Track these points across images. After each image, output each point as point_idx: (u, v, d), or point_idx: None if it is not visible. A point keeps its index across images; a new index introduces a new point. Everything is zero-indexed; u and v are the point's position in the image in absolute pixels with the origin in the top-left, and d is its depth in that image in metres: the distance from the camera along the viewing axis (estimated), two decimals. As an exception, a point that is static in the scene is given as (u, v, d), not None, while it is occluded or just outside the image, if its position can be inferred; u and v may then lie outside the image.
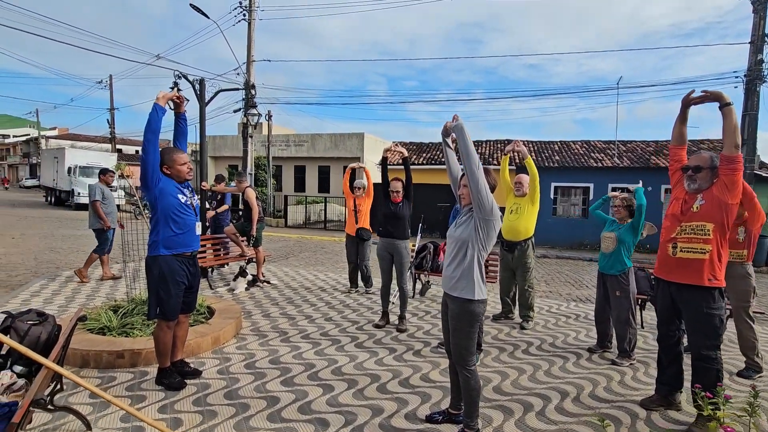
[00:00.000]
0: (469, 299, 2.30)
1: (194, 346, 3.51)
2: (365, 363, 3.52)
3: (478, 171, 2.22)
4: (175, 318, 2.89)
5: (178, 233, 2.83)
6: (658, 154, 14.32)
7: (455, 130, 2.30)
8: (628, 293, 3.77)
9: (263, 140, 21.51)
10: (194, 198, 3.03)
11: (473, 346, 2.38)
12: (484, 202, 2.24)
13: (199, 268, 3.08)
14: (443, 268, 2.50)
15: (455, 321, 2.35)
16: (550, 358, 3.79)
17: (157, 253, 2.80)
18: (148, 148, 2.71)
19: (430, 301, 5.70)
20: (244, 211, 6.09)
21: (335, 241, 13.97)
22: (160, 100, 2.80)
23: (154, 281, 2.81)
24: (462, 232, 2.36)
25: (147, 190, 2.77)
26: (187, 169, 2.93)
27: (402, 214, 4.37)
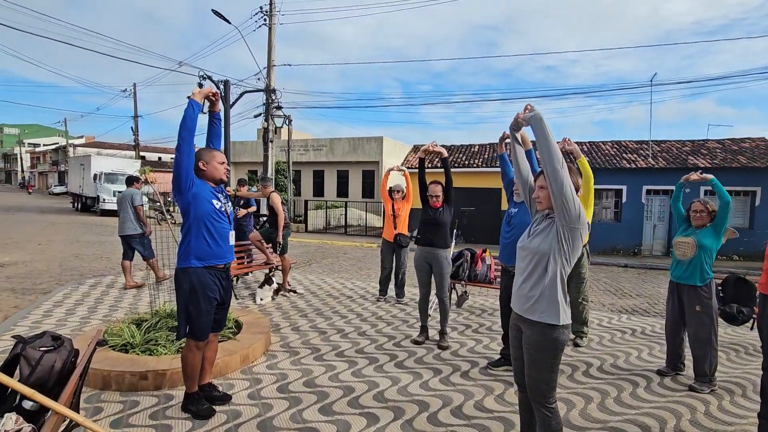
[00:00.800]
0: (552, 324, 1.92)
1: (222, 365, 3.21)
2: (410, 387, 3.16)
3: (562, 170, 1.85)
4: (205, 338, 2.60)
5: (212, 243, 2.55)
6: (695, 154, 13.56)
7: (532, 121, 1.92)
8: (710, 308, 3.31)
9: (282, 145, 21.45)
10: (228, 204, 2.74)
11: (555, 380, 1.99)
12: (570, 207, 1.86)
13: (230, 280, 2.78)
14: (514, 286, 2.13)
15: (534, 350, 1.97)
16: (616, 383, 3.35)
17: (188, 265, 2.52)
18: (183, 147, 2.44)
19: (468, 313, 5.30)
20: (269, 217, 5.82)
21: (357, 246, 13.67)
22: (196, 96, 2.53)
23: (184, 296, 2.52)
24: (540, 244, 1.98)
25: (179, 194, 2.49)
26: (224, 169, 2.66)
27: (442, 220, 4.00)
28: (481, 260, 5.34)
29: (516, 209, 3.34)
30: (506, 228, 3.38)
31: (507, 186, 3.55)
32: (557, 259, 1.92)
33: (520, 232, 3.29)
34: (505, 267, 3.37)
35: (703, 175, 3.44)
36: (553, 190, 1.87)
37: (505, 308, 3.48)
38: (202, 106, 2.57)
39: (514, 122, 2.11)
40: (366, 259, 10.71)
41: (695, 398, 3.14)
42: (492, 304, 5.79)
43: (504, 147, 3.50)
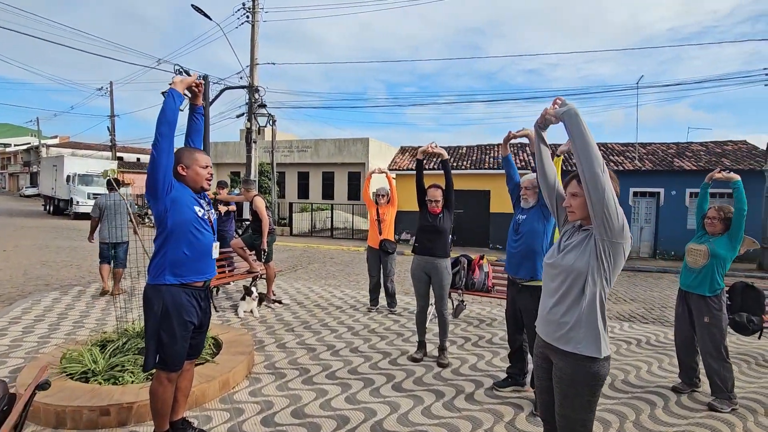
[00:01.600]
0: (592, 357, 1.63)
1: (198, 394, 2.83)
2: (411, 414, 2.84)
3: (604, 175, 1.55)
4: (179, 368, 2.22)
5: (191, 256, 2.17)
6: (681, 156, 13.67)
7: (566, 117, 1.61)
8: (720, 321, 3.11)
9: (266, 146, 20.89)
10: (212, 212, 2.37)
11: (593, 420, 1.70)
12: (612, 219, 1.57)
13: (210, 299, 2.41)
14: (542, 309, 1.83)
15: (567, 386, 1.68)
16: (632, 403, 3.10)
17: (162, 282, 2.13)
18: (162, 145, 2.06)
19: (465, 324, 5.01)
20: (252, 222, 5.43)
21: (344, 250, 13.30)
22: (177, 85, 2.17)
23: (155, 319, 2.13)
24: (576, 261, 1.68)
25: (155, 199, 2.11)
26: (207, 174, 2.29)
27: (442, 227, 3.71)
28: (479, 267, 5.07)
29: (524, 216, 3.07)
30: (514, 236, 3.09)
31: (512, 190, 3.27)
32: (596, 279, 1.64)
33: (529, 240, 3.04)
34: (513, 279, 3.09)
35: (729, 174, 3.23)
36: (592, 200, 1.58)
37: (511, 323, 3.20)
38: (184, 97, 2.20)
39: (541, 119, 1.81)
40: (354, 264, 10.36)
41: (717, 419, 2.91)
42: (489, 313, 5.52)
43: (509, 149, 3.23)
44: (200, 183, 2.25)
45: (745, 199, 3.12)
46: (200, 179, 2.25)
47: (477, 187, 14.27)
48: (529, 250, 2.95)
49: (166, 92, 2.21)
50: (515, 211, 3.23)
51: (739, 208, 3.09)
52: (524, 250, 2.98)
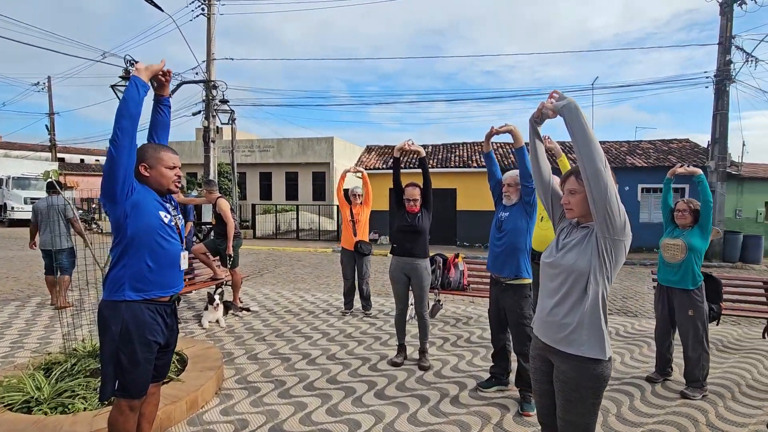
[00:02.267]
0: (596, 359, 1.57)
1: (163, 417, 2.56)
2: (397, 423, 2.71)
3: (606, 171, 1.50)
4: (143, 395, 1.96)
5: (156, 268, 1.90)
6: (632, 154, 14.45)
7: (566, 111, 1.55)
8: (702, 312, 3.21)
9: (225, 146, 20.08)
10: (179, 216, 2.10)
11: (595, 423, 1.65)
12: (614, 215, 1.53)
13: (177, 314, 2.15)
14: (541, 311, 1.76)
15: (571, 390, 1.61)
16: (613, 396, 3.14)
17: (121, 298, 1.86)
18: (122, 141, 1.77)
19: (442, 323, 4.96)
20: (215, 226, 5.10)
21: (311, 251, 12.98)
22: (141, 73, 1.88)
23: (113, 341, 1.85)
24: (577, 260, 1.62)
25: (113, 203, 1.82)
26: (175, 176, 2.01)
27: (421, 227, 3.60)
28: (454, 266, 5.03)
29: (507, 213, 3.02)
30: (496, 234, 3.04)
31: (494, 188, 3.22)
32: (599, 278, 1.59)
33: (513, 238, 2.99)
34: (497, 277, 3.04)
35: (691, 168, 3.34)
36: (594, 196, 1.53)
37: (495, 323, 3.15)
38: (149, 87, 1.90)
39: (537, 113, 1.75)
40: (322, 266, 10.10)
41: (691, 407, 3.00)
42: (465, 312, 5.50)
43: (490, 145, 3.17)
44: (166, 185, 1.98)
45: (709, 190, 3.24)
46: (166, 181, 1.97)
47: (443, 186, 14.38)
48: (513, 248, 2.91)
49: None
50: (497, 208, 3.17)
51: (705, 200, 3.20)
52: (508, 248, 2.93)
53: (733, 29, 11.70)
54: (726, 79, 11.69)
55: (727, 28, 11.67)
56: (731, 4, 11.57)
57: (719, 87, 11.83)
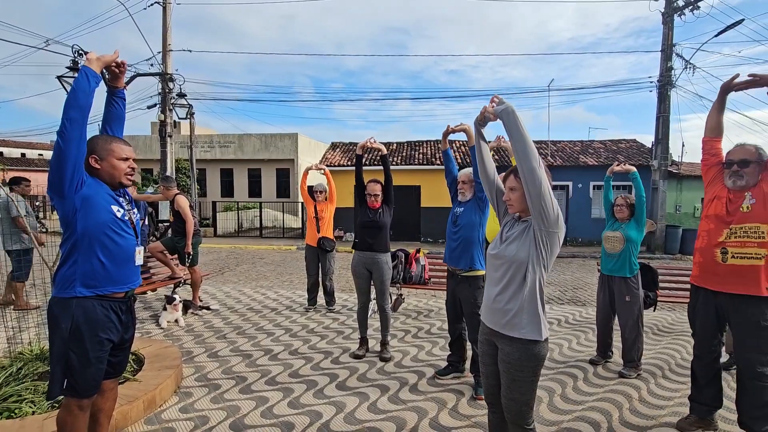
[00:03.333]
0: (534, 340, 1.72)
1: (119, 417, 2.51)
2: (357, 412, 2.80)
3: (540, 169, 1.66)
4: (92, 394, 1.92)
5: (109, 264, 1.86)
6: (584, 153, 15.26)
7: (504, 115, 1.69)
8: (638, 297, 3.51)
9: (183, 141, 19.34)
10: (134, 211, 2.06)
11: (534, 399, 1.81)
12: (548, 210, 1.68)
13: (134, 311, 2.13)
14: (486, 299, 1.90)
15: (514, 370, 1.76)
16: (558, 378, 3.38)
17: (72, 294, 1.81)
18: (71, 133, 1.72)
19: (404, 317, 5.09)
20: (173, 224, 4.96)
21: (274, 249, 12.81)
22: (92, 63, 1.83)
23: (62, 338, 1.81)
24: (517, 251, 1.77)
25: (61, 197, 1.77)
26: (127, 168, 1.97)
27: (383, 222, 3.70)
28: (416, 261, 5.17)
29: (462, 208, 3.17)
30: (452, 228, 3.19)
31: (450, 184, 3.37)
32: (536, 267, 1.74)
33: (467, 232, 3.15)
34: (452, 270, 3.19)
35: (627, 166, 3.63)
36: (530, 193, 1.68)
37: (451, 313, 3.30)
38: (100, 78, 1.85)
39: (480, 116, 1.88)
40: (286, 264, 10.02)
41: (627, 385, 3.28)
42: (426, 305, 5.68)
43: (447, 143, 3.31)
44: (118, 178, 1.95)
45: (642, 186, 3.54)
46: (117, 173, 1.94)
47: (407, 183, 14.60)
48: (467, 242, 3.06)
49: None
50: (453, 204, 3.32)
51: (639, 195, 3.50)
52: (463, 242, 3.08)
53: (674, 38, 12.60)
54: (668, 85, 12.58)
55: (669, 36, 12.56)
56: (672, 15, 12.45)
57: (662, 92, 12.71)
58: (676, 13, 12.37)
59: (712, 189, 2.55)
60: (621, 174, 3.70)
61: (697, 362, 2.63)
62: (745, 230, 2.32)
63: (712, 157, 2.57)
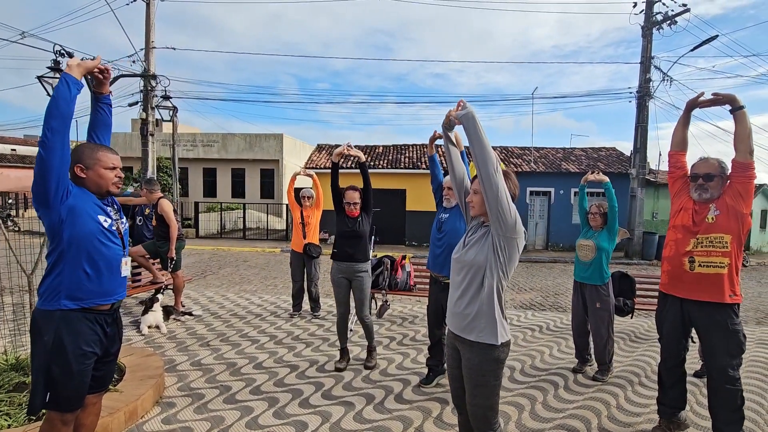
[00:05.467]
0: (491, 344, 1.77)
1: (100, 430, 2.44)
2: (343, 422, 2.81)
3: (497, 174, 1.70)
4: (76, 408, 1.89)
5: (94, 276, 1.83)
6: (566, 160, 15.60)
7: (464, 120, 1.75)
8: (608, 304, 3.63)
9: (164, 139, 18.97)
10: (122, 220, 2.03)
11: (497, 403, 1.86)
12: (505, 215, 1.73)
13: (122, 324, 2.09)
14: (449, 303, 1.94)
15: (475, 374, 1.81)
16: (540, 385, 3.46)
17: (56, 307, 1.78)
18: (53, 142, 1.69)
19: (390, 323, 5.12)
20: (157, 228, 4.88)
21: (258, 251, 12.68)
22: (73, 69, 1.80)
23: (45, 351, 1.78)
24: (476, 256, 1.82)
25: (46, 209, 1.75)
26: (115, 177, 1.95)
27: (362, 230, 3.68)
28: (401, 267, 5.21)
29: (447, 214, 3.22)
30: (437, 234, 3.23)
31: (436, 190, 3.41)
32: (493, 271, 1.78)
33: (452, 238, 3.18)
34: (436, 276, 3.23)
35: (600, 176, 3.74)
36: (487, 197, 1.73)
37: (432, 318, 3.34)
38: (82, 85, 1.83)
39: (446, 120, 1.95)
40: (270, 267, 9.93)
41: (605, 392, 3.38)
42: (411, 311, 5.72)
43: (434, 148, 3.35)
44: (105, 187, 1.92)
45: (615, 197, 3.65)
46: (105, 183, 1.91)
47: (393, 186, 14.66)
48: (451, 248, 3.07)
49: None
50: (438, 210, 3.36)
51: (611, 206, 3.62)
52: (447, 248, 3.12)
53: (652, 50, 13.02)
54: (646, 95, 12.99)
55: (648, 49, 12.97)
56: (651, 28, 12.86)
57: (640, 102, 13.11)
58: (655, 26, 12.79)
59: (678, 200, 2.67)
60: (595, 183, 3.81)
61: (663, 366, 2.75)
62: (710, 240, 2.44)
63: (678, 170, 2.70)
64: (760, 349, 4.51)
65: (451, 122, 1.93)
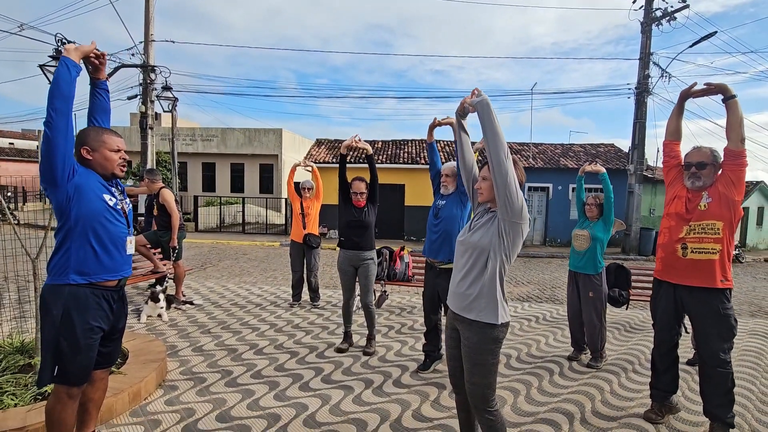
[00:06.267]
0: (491, 324, 1.83)
1: (104, 410, 2.51)
2: (342, 404, 2.87)
3: (507, 161, 1.76)
4: (83, 383, 1.95)
5: (102, 253, 1.91)
6: (565, 156, 15.65)
7: (479, 106, 1.80)
8: (601, 293, 3.69)
9: (164, 133, 18.96)
10: (126, 201, 2.10)
11: (495, 381, 1.91)
12: (513, 200, 1.78)
13: (127, 301, 2.15)
14: (452, 284, 2.00)
15: (473, 353, 1.86)
16: (536, 372, 3.53)
17: (65, 281, 1.85)
18: (57, 122, 1.77)
19: (388, 313, 5.18)
20: (158, 217, 4.92)
21: (257, 245, 12.73)
22: (71, 53, 1.88)
23: (53, 325, 1.84)
24: (481, 238, 1.88)
25: (53, 186, 1.82)
26: (119, 158, 2.03)
27: (368, 221, 3.77)
28: (400, 258, 5.26)
29: (444, 201, 3.28)
30: (433, 221, 3.28)
31: (434, 177, 3.46)
32: (497, 254, 1.84)
33: (448, 225, 3.24)
34: (431, 262, 3.29)
35: (597, 166, 3.78)
36: (497, 182, 1.78)
37: (428, 305, 3.40)
38: (81, 68, 1.90)
39: (460, 107, 2.00)
40: (269, 260, 9.99)
41: (599, 378, 3.45)
42: (409, 301, 5.78)
43: (433, 137, 3.39)
44: (110, 169, 2.00)
45: (611, 187, 3.70)
46: (110, 164, 1.99)
47: (392, 181, 14.70)
48: (447, 234, 3.16)
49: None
50: (435, 197, 3.42)
51: (607, 196, 3.66)
52: (443, 234, 3.19)
53: (651, 47, 13.04)
54: (645, 92, 13.02)
55: (647, 45, 12.99)
56: (650, 25, 12.88)
57: (639, 98, 13.15)
58: (654, 23, 12.81)
59: (672, 189, 2.73)
60: (592, 175, 3.86)
61: (656, 351, 2.81)
62: (702, 227, 2.50)
63: (672, 159, 2.76)
64: (753, 339, 4.58)
65: (465, 109, 1.97)
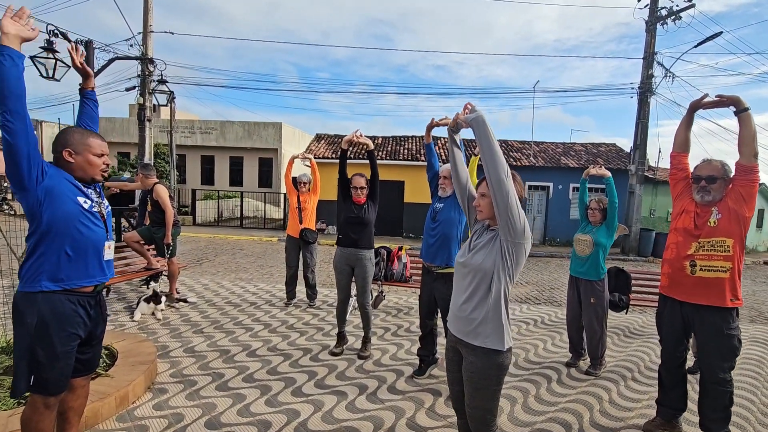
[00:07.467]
0: (497, 350, 1.74)
1: (89, 415, 2.44)
2: (335, 411, 2.81)
3: (507, 180, 1.65)
4: (60, 391, 1.87)
5: (76, 258, 1.81)
6: (566, 155, 15.55)
7: (474, 123, 1.69)
8: (603, 300, 3.62)
9: (162, 125, 18.82)
10: (104, 203, 2.00)
11: (497, 408, 1.84)
12: (515, 221, 1.67)
13: (105, 306, 2.06)
14: (452, 306, 1.91)
15: (478, 379, 1.77)
16: (533, 379, 3.46)
17: (38, 289, 1.76)
18: (16, 126, 1.64)
19: (384, 314, 5.11)
20: (152, 213, 4.83)
21: (255, 240, 12.65)
22: (10, 41, 1.64)
23: (28, 334, 1.76)
24: (483, 261, 1.77)
25: (23, 191, 1.72)
26: (102, 164, 1.93)
27: (368, 218, 3.68)
28: (398, 259, 5.19)
29: (441, 204, 3.19)
30: (431, 224, 3.20)
31: (432, 179, 3.37)
32: (501, 277, 1.74)
33: (446, 228, 3.16)
34: (428, 266, 3.21)
35: (602, 170, 3.69)
36: (497, 203, 1.67)
37: (425, 309, 3.32)
38: (23, 57, 1.71)
39: (453, 122, 1.88)
40: (266, 256, 9.91)
41: (598, 386, 3.39)
42: (406, 302, 5.71)
43: (431, 137, 3.30)
44: (92, 174, 1.90)
45: (616, 192, 3.62)
46: (92, 169, 1.89)
47: (391, 178, 14.60)
48: (445, 238, 3.08)
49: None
50: (433, 200, 3.33)
51: (611, 201, 3.58)
52: (441, 238, 3.11)
53: (655, 46, 12.90)
54: (648, 91, 12.90)
55: (651, 44, 12.85)
56: (655, 24, 12.73)
57: (642, 98, 13.03)
58: (659, 22, 12.66)
59: (680, 202, 2.63)
60: (597, 177, 3.77)
61: (663, 367, 2.73)
62: (712, 244, 2.41)
63: (680, 172, 2.66)
64: (754, 346, 4.52)
65: (459, 125, 1.86)
